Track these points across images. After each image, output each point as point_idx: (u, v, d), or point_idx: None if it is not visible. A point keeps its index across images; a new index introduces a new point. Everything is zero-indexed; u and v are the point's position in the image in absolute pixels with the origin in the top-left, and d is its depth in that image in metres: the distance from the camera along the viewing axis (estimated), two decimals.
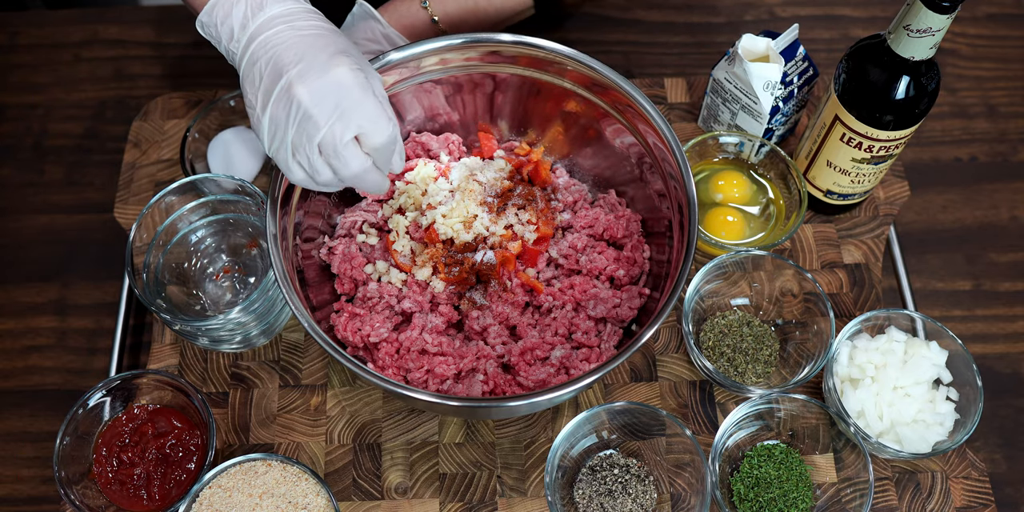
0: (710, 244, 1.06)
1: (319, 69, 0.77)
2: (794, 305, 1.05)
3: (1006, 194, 1.21)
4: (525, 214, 1.02)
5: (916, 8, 0.87)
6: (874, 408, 0.98)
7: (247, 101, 0.82)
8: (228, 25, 0.81)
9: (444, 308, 1.00)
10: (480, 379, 0.97)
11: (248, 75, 0.81)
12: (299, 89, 0.77)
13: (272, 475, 0.93)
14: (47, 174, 1.21)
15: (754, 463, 0.99)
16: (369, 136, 0.80)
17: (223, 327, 0.97)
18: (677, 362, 1.06)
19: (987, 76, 1.29)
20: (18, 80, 1.27)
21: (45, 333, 1.12)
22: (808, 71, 1.10)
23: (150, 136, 1.19)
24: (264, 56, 0.79)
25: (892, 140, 0.99)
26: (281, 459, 0.93)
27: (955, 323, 1.13)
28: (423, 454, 1.01)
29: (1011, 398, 1.09)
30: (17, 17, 1.33)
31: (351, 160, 0.80)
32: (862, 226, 1.14)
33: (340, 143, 0.79)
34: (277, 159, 0.82)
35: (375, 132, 0.80)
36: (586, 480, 0.98)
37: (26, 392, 1.09)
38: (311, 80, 0.77)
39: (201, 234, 1.06)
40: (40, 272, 1.15)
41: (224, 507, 0.91)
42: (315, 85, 0.77)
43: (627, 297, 1.01)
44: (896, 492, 1.00)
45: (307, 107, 0.77)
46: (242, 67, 0.82)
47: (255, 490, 0.92)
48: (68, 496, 0.93)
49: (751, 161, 1.12)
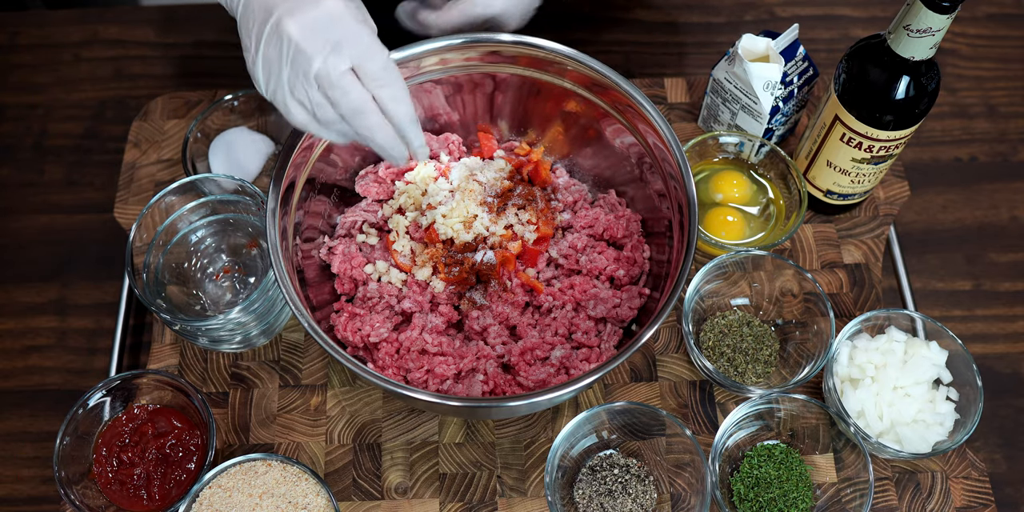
0: (710, 244, 1.06)
1: (309, 2, 0.76)
2: (794, 305, 1.05)
3: (1006, 194, 1.21)
4: (525, 214, 1.02)
5: (916, 8, 0.87)
6: (874, 408, 0.98)
7: (244, 46, 0.80)
8: None
9: (444, 308, 1.00)
10: (480, 379, 0.97)
11: (244, 19, 0.79)
12: (288, 24, 0.76)
13: (272, 475, 0.93)
14: (47, 174, 1.21)
15: (754, 463, 0.99)
16: (364, 65, 0.78)
17: (223, 327, 0.97)
18: (677, 362, 1.06)
19: (987, 76, 1.29)
20: (18, 80, 1.27)
21: (45, 333, 1.12)
22: (808, 71, 1.10)
23: (150, 136, 1.19)
24: None
25: (892, 140, 0.99)
26: (281, 459, 0.93)
27: (955, 323, 1.13)
28: (423, 454, 1.01)
29: (1011, 398, 1.09)
30: (17, 17, 1.33)
31: (350, 89, 0.78)
32: (862, 226, 1.14)
33: (336, 73, 0.77)
34: (276, 101, 0.80)
35: (370, 59, 0.78)
36: (586, 480, 0.98)
37: (26, 392, 1.09)
38: (300, 14, 0.76)
39: (201, 234, 1.06)
40: (40, 272, 1.15)
41: (224, 507, 0.91)
42: (305, 19, 0.76)
43: (627, 297, 1.01)
44: (896, 492, 1.00)
45: (298, 41, 0.76)
46: (239, 12, 0.80)
47: (255, 490, 0.92)
48: (68, 496, 0.93)
49: (751, 161, 1.12)
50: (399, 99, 0.81)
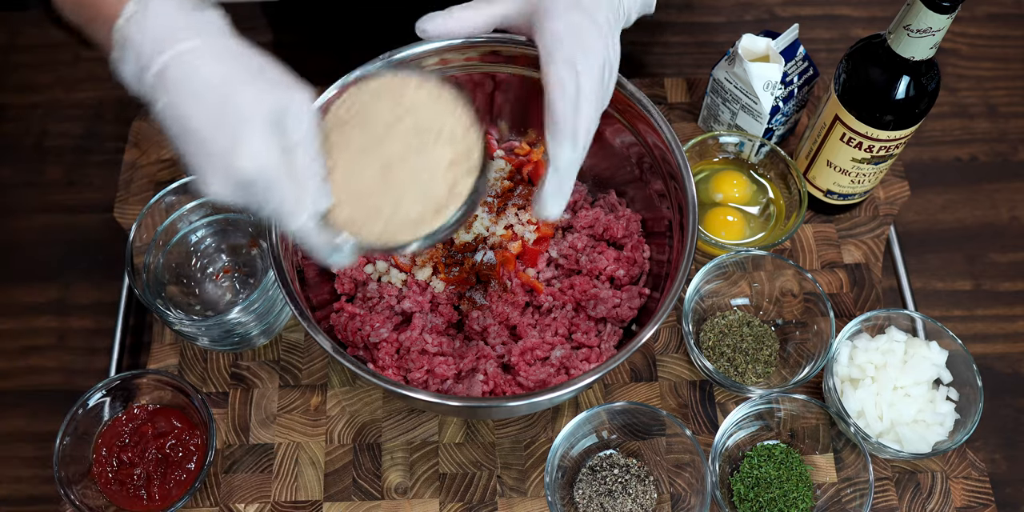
0: (710, 244, 1.06)
1: (218, 166, 0.69)
2: (794, 305, 1.05)
3: (1006, 194, 1.21)
4: (525, 214, 1.02)
5: (916, 8, 0.87)
6: (874, 408, 0.98)
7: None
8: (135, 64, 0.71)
9: (444, 308, 1.00)
10: (480, 379, 0.97)
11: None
12: (210, 187, 0.70)
13: (425, 92, 0.77)
14: (47, 174, 1.21)
15: (754, 463, 0.99)
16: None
17: (223, 327, 0.97)
18: (677, 362, 1.06)
19: (987, 76, 1.29)
20: (18, 80, 1.27)
21: (45, 333, 1.12)
22: (808, 71, 1.10)
23: (150, 136, 1.19)
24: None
25: (892, 140, 0.99)
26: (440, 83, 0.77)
27: (955, 323, 1.13)
28: (423, 454, 1.01)
29: (1011, 398, 1.09)
30: (17, 17, 1.33)
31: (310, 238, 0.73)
32: (862, 226, 1.14)
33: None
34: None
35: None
36: (586, 480, 0.98)
37: (26, 392, 1.09)
38: (216, 181, 0.70)
39: (201, 234, 1.06)
40: (40, 272, 1.15)
41: (362, 112, 0.76)
42: (217, 185, 0.70)
43: (627, 297, 1.01)
44: (896, 492, 1.00)
45: (222, 199, 0.71)
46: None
47: (402, 105, 0.76)
48: (68, 496, 0.93)
49: (751, 161, 1.12)
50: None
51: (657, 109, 0.95)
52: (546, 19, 0.79)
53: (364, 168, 0.74)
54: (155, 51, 0.68)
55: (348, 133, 0.75)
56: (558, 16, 0.79)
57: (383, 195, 0.74)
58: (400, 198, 0.74)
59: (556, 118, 0.78)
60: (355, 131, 0.75)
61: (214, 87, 0.68)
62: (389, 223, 0.74)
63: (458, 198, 0.74)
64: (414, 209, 0.74)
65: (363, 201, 0.74)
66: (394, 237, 0.74)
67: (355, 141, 0.75)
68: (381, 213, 0.74)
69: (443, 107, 0.75)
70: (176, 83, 0.68)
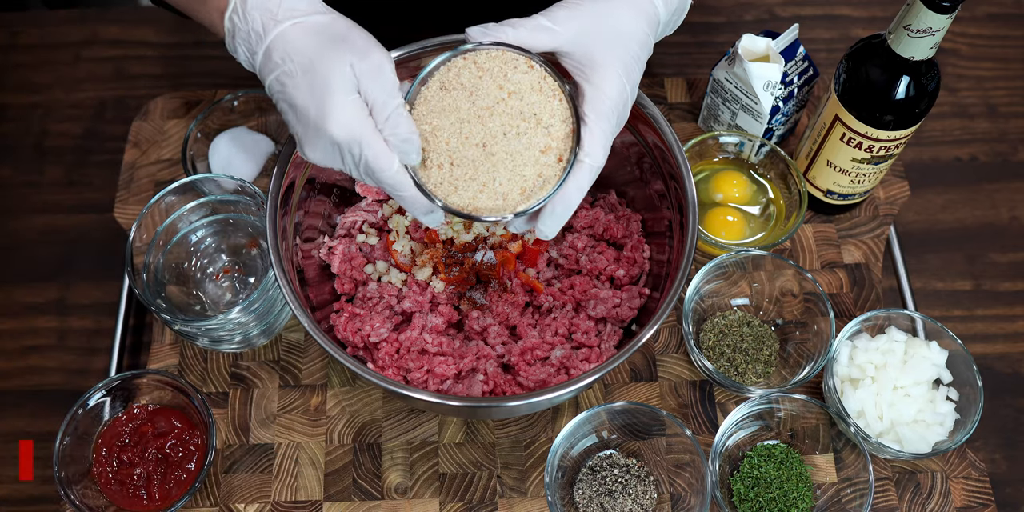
0: (710, 244, 1.06)
1: (313, 133, 0.77)
2: (794, 305, 1.05)
3: (1006, 194, 1.21)
4: None
5: (916, 8, 0.87)
6: (874, 408, 0.98)
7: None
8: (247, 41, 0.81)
9: (444, 308, 1.00)
10: (480, 379, 0.97)
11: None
12: (309, 154, 0.79)
13: (531, 78, 0.79)
14: (47, 174, 1.21)
15: (754, 463, 0.99)
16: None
17: (223, 327, 0.97)
18: (677, 362, 1.06)
19: (987, 76, 1.29)
20: (18, 80, 1.27)
21: (45, 333, 1.12)
22: (808, 71, 1.10)
23: (150, 136, 1.19)
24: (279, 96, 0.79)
25: (892, 140, 0.99)
26: (547, 68, 0.79)
27: (955, 323, 1.13)
28: (423, 454, 1.01)
29: (1011, 398, 1.09)
30: (17, 17, 1.34)
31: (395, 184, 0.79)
32: (862, 226, 1.14)
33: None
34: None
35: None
36: (586, 480, 0.98)
37: (26, 392, 1.09)
38: (314, 149, 0.78)
39: (201, 234, 1.06)
40: (40, 272, 1.15)
41: (469, 84, 0.78)
42: (316, 151, 0.78)
43: (627, 297, 1.01)
44: (896, 492, 1.00)
45: (323, 164, 0.79)
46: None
47: (508, 85, 0.79)
48: (68, 496, 0.93)
49: (751, 161, 1.12)
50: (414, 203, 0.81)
51: (657, 109, 0.95)
52: (594, 75, 0.80)
53: (465, 138, 0.78)
54: (258, 37, 0.78)
55: (452, 101, 0.79)
56: (609, 81, 0.79)
57: (478, 167, 0.78)
58: (494, 174, 0.78)
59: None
60: (460, 101, 0.78)
61: (302, 63, 0.76)
62: (479, 195, 0.79)
63: (547, 185, 0.79)
64: (504, 188, 0.79)
65: (459, 168, 0.78)
66: (480, 209, 0.79)
67: (458, 110, 0.78)
68: (473, 184, 0.79)
69: (545, 95, 0.79)
70: (275, 64, 0.78)
